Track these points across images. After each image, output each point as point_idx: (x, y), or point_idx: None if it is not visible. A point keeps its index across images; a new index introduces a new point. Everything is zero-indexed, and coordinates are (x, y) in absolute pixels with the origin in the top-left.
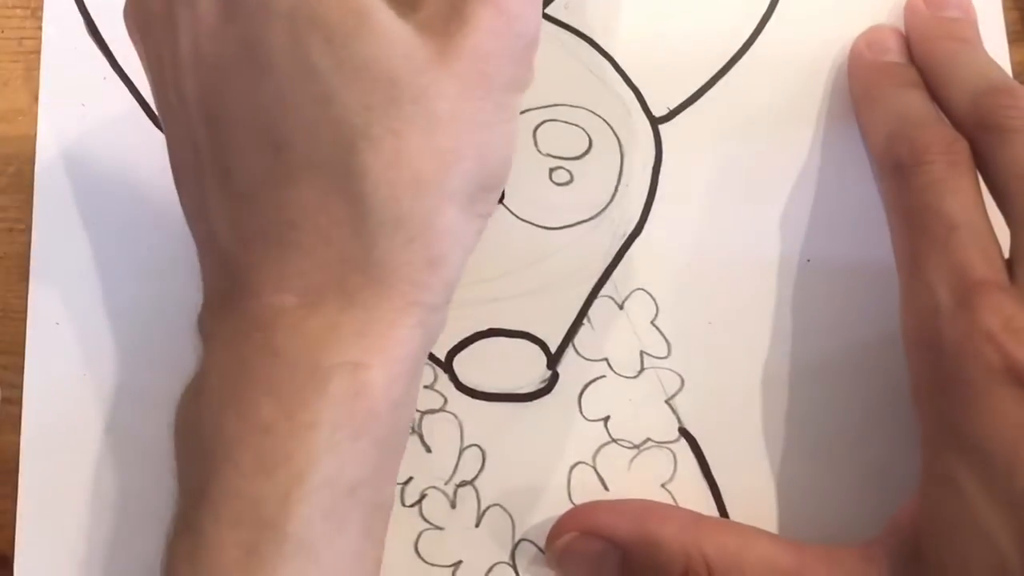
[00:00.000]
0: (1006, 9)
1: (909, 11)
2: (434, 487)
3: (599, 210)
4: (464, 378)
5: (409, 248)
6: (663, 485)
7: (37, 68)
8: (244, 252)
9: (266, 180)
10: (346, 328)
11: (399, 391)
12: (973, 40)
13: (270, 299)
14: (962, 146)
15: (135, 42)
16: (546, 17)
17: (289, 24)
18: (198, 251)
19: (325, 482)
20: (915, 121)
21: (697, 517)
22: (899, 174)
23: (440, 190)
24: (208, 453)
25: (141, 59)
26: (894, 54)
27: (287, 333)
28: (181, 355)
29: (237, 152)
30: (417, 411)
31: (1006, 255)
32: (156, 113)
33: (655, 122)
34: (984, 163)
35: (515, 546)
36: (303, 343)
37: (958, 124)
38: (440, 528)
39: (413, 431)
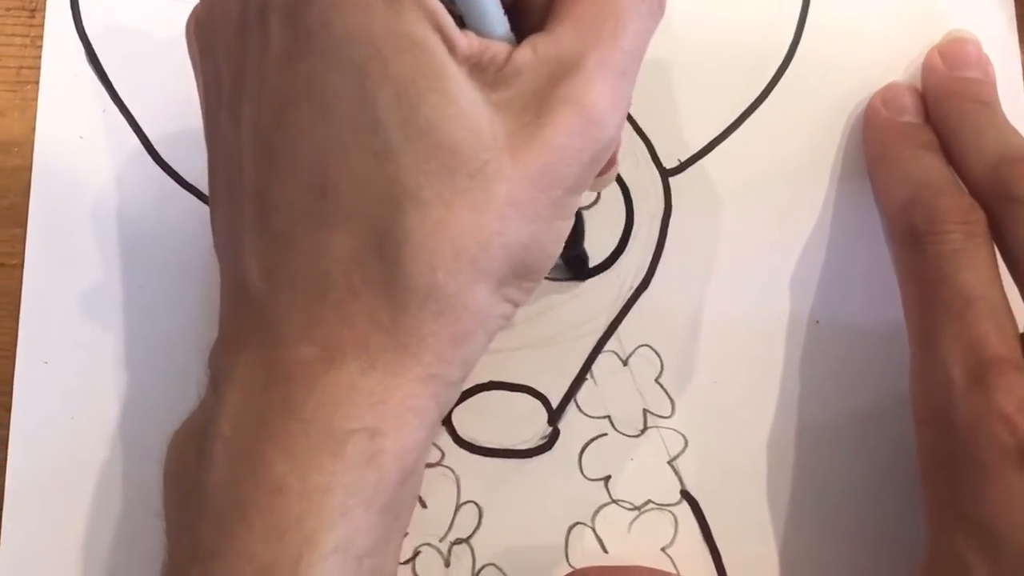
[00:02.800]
0: None
1: (927, 69)
2: (428, 544)
3: (607, 262)
4: (463, 432)
5: (437, 320)
6: (663, 549)
7: (35, 98)
8: (271, 294)
9: (306, 223)
10: (365, 391)
11: (411, 462)
12: (992, 103)
13: (292, 349)
14: (979, 216)
15: (193, 56)
16: None
17: (360, 73)
18: (222, 282)
19: (336, 549)
20: (932, 187)
21: None
22: (914, 241)
23: (477, 269)
24: (217, 508)
25: (196, 74)
26: (911, 114)
27: (306, 390)
28: (173, 397)
29: (282, 189)
30: None
31: (1021, 329)
32: (156, 149)
33: (665, 174)
34: (1000, 234)
35: None
36: (321, 402)
37: (974, 191)
38: None
39: None
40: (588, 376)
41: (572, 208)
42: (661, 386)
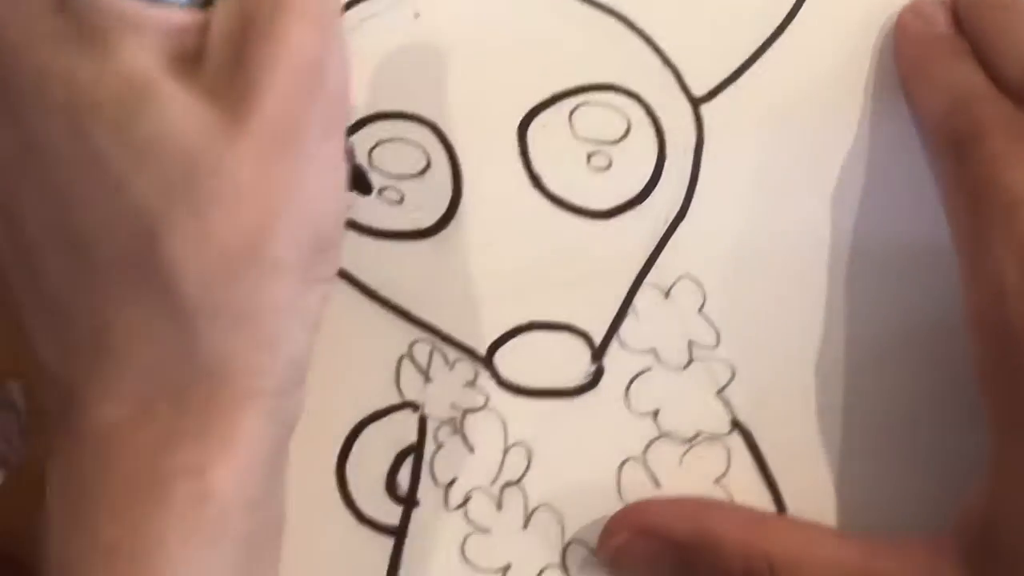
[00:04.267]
0: None
1: None
2: (479, 488)
3: (641, 195)
4: (506, 374)
5: (236, 334)
6: (717, 481)
7: None
8: (64, 363)
9: (72, 282)
10: (183, 432)
11: (253, 490)
12: (1020, 7)
13: (99, 413)
14: (1022, 118)
15: None
16: None
17: (68, 116)
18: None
19: None
20: (971, 94)
21: (758, 515)
22: (957, 150)
23: (258, 266)
24: None
25: None
26: (942, 25)
27: (121, 447)
28: None
29: (38, 254)
30: (459, 409)
31: None
32: None
33: (695, 102)
34: None
35: (565, 548)
36: (139, 454)
37: (1012, 95)
38: (487, 531)
39: (455, 431)
40: (630, 311)
41: (336, 155)
42: (705, 316)
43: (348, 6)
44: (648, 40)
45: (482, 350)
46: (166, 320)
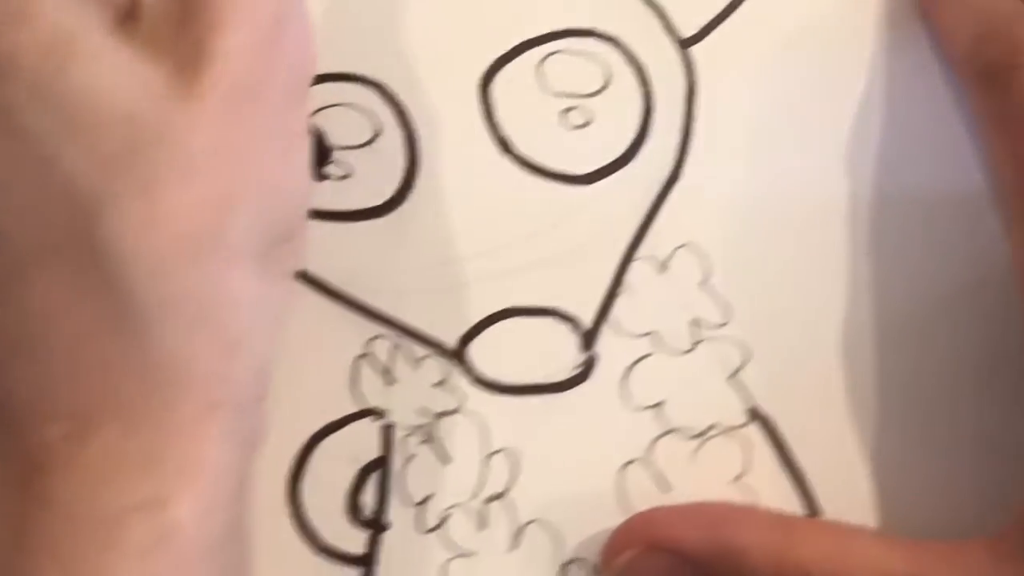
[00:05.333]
0: None
1: None
2: (458, 505)
3: (626, 154)
4: (482, 370)
5: (192, 336)
6: (736, 480)
7: None
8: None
9: (3, 280)
10: (134, 455)
11: (218, 526)
12: None
13: (37, 433)
14: None
15: None
16: None
17: None
18: None
19: None
20: (1007, 14)
21: (786, 519)
22: (995, 80)
23: (217, 251)
24: None
25: None
26: None
27: (62, 474)
28: None
29: None
30: (429, 414)
31: None
32: None
33: (683, 44)
34: None
35: (563, 568)
36: (82, 485)
37: None
38: (470, 554)
39: (427, 439)
40: (622, 289)
41: (300, 128)
42: (709, 290)
43: None
44: None
45: (452, 344)
46: (110, 319)
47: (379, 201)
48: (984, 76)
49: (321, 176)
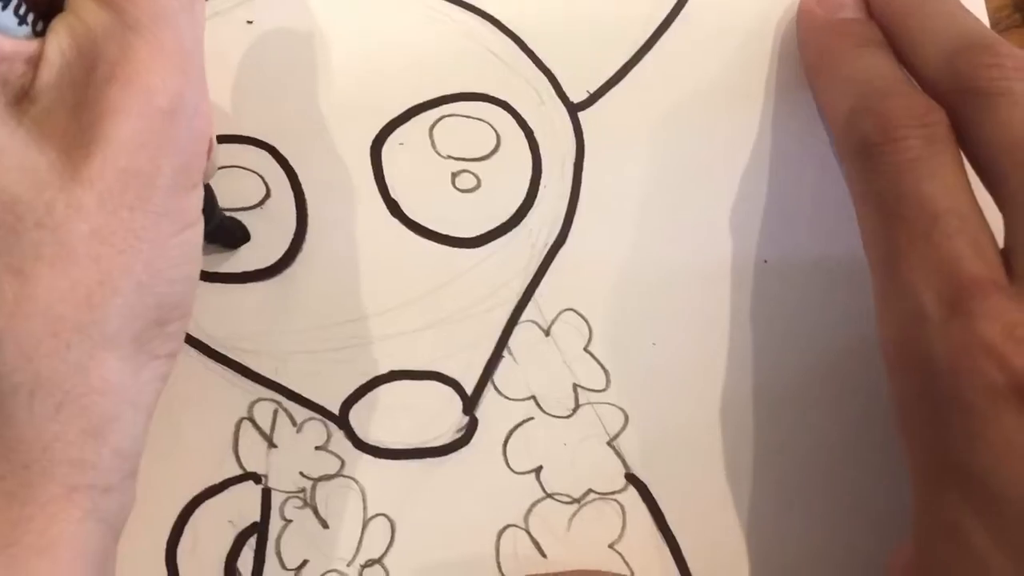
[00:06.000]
0: None
1: None
2: (334, 571)
3: (514, 218)
4: (364, 434)
5: (58, 418)
6: (611, 545)
7: None
8: None
9: None
10: None
11: None
12: None
13: None
14: (939, 116)
15: None
16: None
17: None
18: None
19: None
20: (882, 89)
21: None
22: (866, 155)
23: (90, 337)
24: None
25: None
26: (850, 9)
27: None
28: None
29: None
30: (309, 478)
31: (1000, 245)
32: None
33: (573, 109)
34: (966, 135)
35: None
36: None
37: (932, 90)
38: None
39: (305, 504)
40: (505, 352)
41: (191, 213)
42: (592, 355)
43: None
44: (519, 42)
45: (335, 407)
46: None
47: (267, 263)
48: (856, 150)
49: (232, 246)
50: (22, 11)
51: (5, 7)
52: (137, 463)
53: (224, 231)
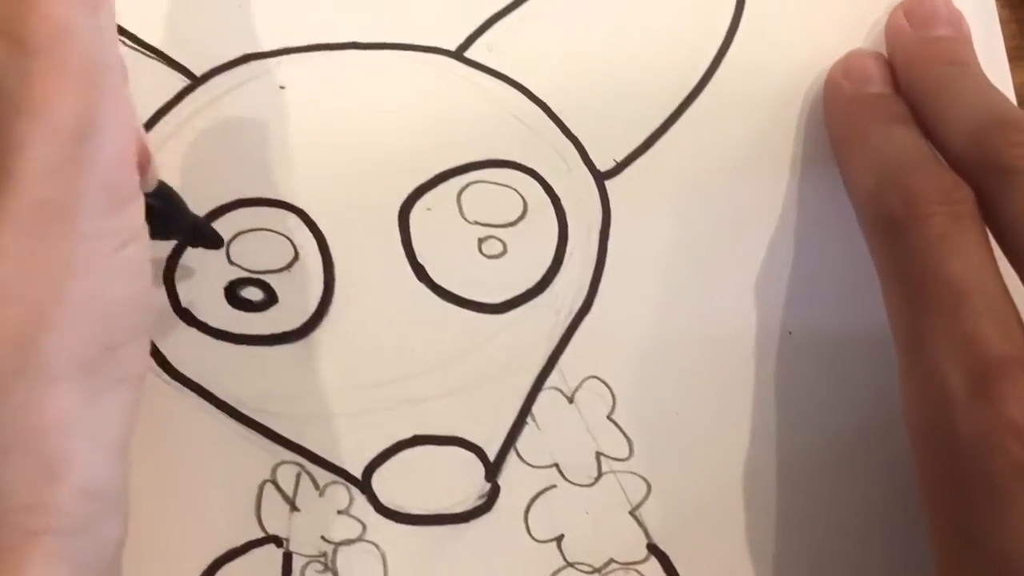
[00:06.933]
0: (1004, 22)
1: (891, 32)
2: None
3: (540, 284)
4: (386, 498)
5: (6, 464)
6: None
7: None
8: None
9: None
10: None
11: None
12: (969, 62)
13: None
14: (965, 194)
15: None
16: (467, 61)
17: None
18: None
19: None
20: (908, 165)
21: None
22: (892, 230)
23: (33, 375)
24: None
25: None
26: (877, 84)
27: None
28: None
29: None
30: (330, 543)
31: None
32: None
33: (600, 178)
34: (992, 212)
35: None
36: None
37: (958, 166)
38: None
39: (326, 568)
40: (528, 419)
41: (127, 229)
42: (615, 423)
43: (207, 76)
44: (547, 110)
45: (357, 471)
46: None
47: (294, 326)
48: (882, 225)
49: (212, 246)
50: None
51: None
52: (117, 500)
53: (201, 234)
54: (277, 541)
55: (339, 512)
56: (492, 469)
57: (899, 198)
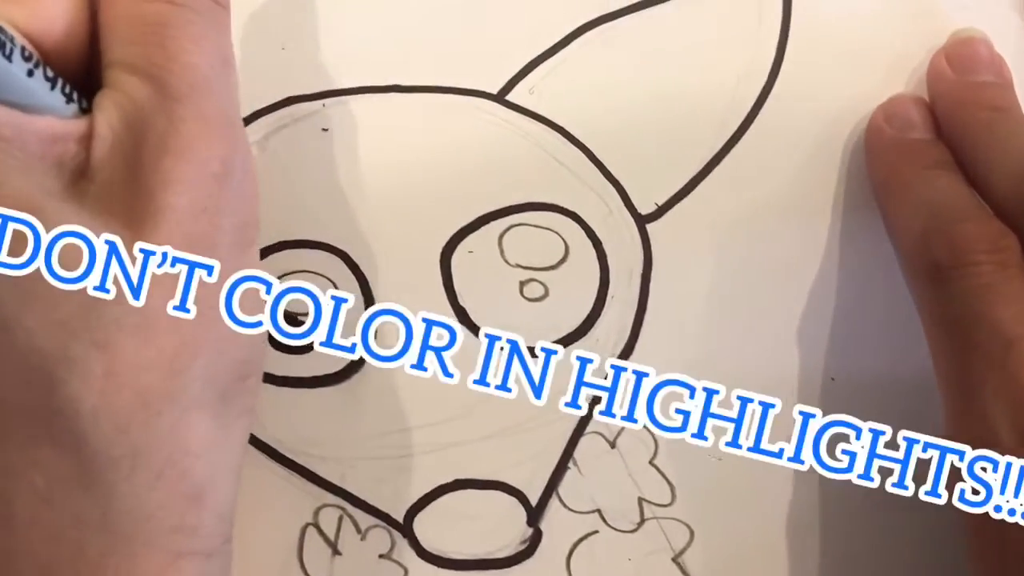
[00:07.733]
0: None
1: (933, 77)
2: None
3: (581, 328)
4: (428, 543)
5: (157, 487)
6: None
7: None
8: None
9: None
10: None
11: None
12: (1011, 108)
13: None
14: (1011, 242)
15: None
16: (509, 104)
17: None
18: None
19: None
20: (952, 212)
21: None
22: (937, 279)
23: (178, 403)
24: None
25: None
26: (919, 129)
27: None
28: None
29: None
30: None
31: None
32: None
33: (641, 221)
34: None
35: None
36: None
37: (1001, 212)
38: None
39: None
40: (571, 464)
41: (253, 262)
42: (657, 468)
43: (252, 118)
44: (588, 153)
45: (399, 515)
46: (74, 476)
47: (335, 368)
48: (927, 273)
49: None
50: (67, 89)
51: (53, 87)
52: (232, 524)
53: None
54: None
55: (381, 556)
56: (534, 514)
57: (945, 246)
